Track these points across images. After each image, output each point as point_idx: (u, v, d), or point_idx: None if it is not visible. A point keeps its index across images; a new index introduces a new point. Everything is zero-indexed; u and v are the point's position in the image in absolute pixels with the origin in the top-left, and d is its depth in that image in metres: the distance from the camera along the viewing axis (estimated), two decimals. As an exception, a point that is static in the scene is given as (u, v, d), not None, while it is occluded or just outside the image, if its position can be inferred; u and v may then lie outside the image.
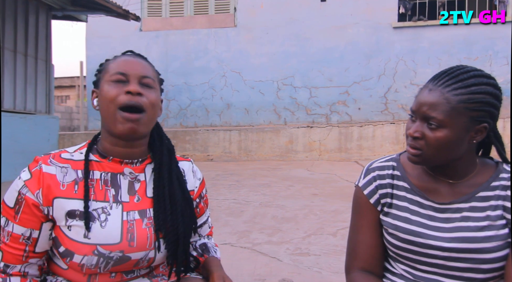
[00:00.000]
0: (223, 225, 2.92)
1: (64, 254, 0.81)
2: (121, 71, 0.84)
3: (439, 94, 0.82)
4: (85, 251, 0.80)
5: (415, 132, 0.85)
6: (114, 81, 0.84)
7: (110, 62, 0.89)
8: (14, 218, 0.81)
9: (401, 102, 7.23)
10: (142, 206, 0.87)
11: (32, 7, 5.83)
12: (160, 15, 8.11)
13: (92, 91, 0.90)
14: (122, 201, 0.86)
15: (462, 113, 0.81)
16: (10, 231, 0.81)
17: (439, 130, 0.82)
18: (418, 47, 7.20)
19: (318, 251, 2.30)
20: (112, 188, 0.86)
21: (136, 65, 0.86)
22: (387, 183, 0.94)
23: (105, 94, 0.83)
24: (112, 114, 0.82)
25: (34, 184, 0.80)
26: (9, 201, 0.82)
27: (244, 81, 7.75)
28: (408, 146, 0.89)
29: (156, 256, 0.87)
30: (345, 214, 3.17)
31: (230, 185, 4.72)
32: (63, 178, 0.83)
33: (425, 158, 0.86)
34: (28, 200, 0.80)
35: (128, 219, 0.84)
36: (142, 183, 0.89)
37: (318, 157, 7.12)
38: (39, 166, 0.82)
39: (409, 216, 0.91)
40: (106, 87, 0.84)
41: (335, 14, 7.42)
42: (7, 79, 5.43)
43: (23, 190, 0.81)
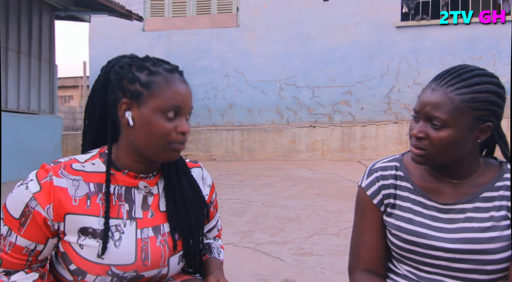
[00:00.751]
0: (226, 225, 2.92)
1: (76, 273, 0.78)
2: (177, 104, 0.78)
3: (442, 94, 0.82)
4: (98, 272, 0.77)
5: (419, 133, 0.84)
6: (167, 113, 0.77)
7: (162, 84, 0.78)
8: (19, 230, 0.76)
9: (404, 102, 7.21)
10: (156, 222, 0.84)
11: (35, 7, 5.86)
12: (162, 15, 8.13)
13: (121, 103, 0.79)
14: (136, 217, 0.82)
15: (466, 112, 0.80)
16: (13, 242, 0.77)
17: (443, 130, 0.82)
18: (421, 46, 7.18)
19: (321, 251, 2.30)
20: (126, 203, 0.82)
21: (189, 98, 0.82)
22: (390, 184, 0.94)
23: (156, 127, 0.77)
24: (162, 146, 0.79)
25: (44, 198, 0.75)
26: (14, 211, 0.76)
27: (247, 81, 7.76)
28: (412, 146, 0.88)
29: (169, 271, 0.86)
30: (348, 214, 3.16)
31: (233, 184, 4.72)
32: (75, 191, 0.78)
33: (429, 158, 0.85)
34: (37, 215, 0.75)
35: (142, 237, 0.81)
36: (155, 196, 0.86)
37: (321, 157, 7.11)
38: (50, 177, 0.77)
39: (412, 217, 0.90)
40: (155, 118, 0.77)
41: (338, 13, 7.41)
42: (11, 80, 5.46)
43: (32, 203, 0.75)
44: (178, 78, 0.81)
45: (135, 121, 0.78)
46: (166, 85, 0.79)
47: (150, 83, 0.78)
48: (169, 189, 0.86)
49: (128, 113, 0.78)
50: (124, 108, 0.79)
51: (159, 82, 0.78)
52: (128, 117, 0.78)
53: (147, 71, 0.79)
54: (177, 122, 0.79)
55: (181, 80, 0.82)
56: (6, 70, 5.38)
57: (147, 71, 0.79)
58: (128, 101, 0.79)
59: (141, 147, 0.80)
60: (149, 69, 0.80)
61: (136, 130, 0.79)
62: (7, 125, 5.14)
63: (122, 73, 0.80)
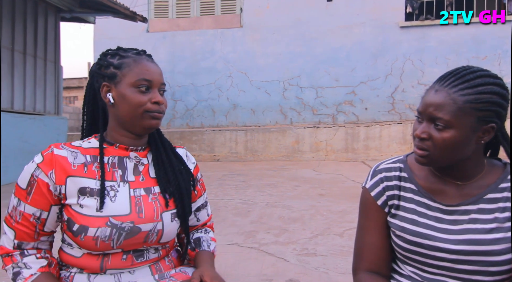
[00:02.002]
0: (230, 225, 2.93)
1: (79, 231, 0.86)
2: (146, 78, 0.91)
3: (446, 95, 0.82)
4: (98, 224, 0.85)
5: (422, 133, 0.85)
6: (139, 87, 0.91)
7: (131, 63, 0.92)
8: (26, 198, 0.87)
9: (408, 102, 7.18)
10: (147, 184, 0.95)
11: (41, 9, 5.90)
12: (167, 16, 8.16)
13: (103, 85, 0.92)
14: (129, 180, 0.93)
15: (469, 113, 0.81)
16: (22, 210, 0.87)
17: (446, 131, 0.82)
18: (426, 46, 7.15)
19: (325, 251, 2.30)
20: (119, 169, 0.93)
21: (157, 73, 0.94)
22: (394, 185, 0.94)
23: (131, 100, 0.90)
24: (139, 115, 0.91)
25: (47, 165, 0.87)
26: (22, 183, 0.88)
27: (250, 81, 7.77)
28: (415, 147, 0.88)
29: (164, 228, 0.93)
30: (352, 215, 3.16)
31: (237, 185, 4.73)
32: (73, 160, 0.90)
33: (433, 159, 0.86)
34: (41, 182, 0.86)
35: (135, 194, 0.92)
36: (145, 165, 0.97)
37: (325, 157, 7.10)
38: (51, 150, 0.89)
39: (416, 218, 0.90)
40: (130, 92, 0.90)
41: (342, 14, 7.40)
42: (17, 81, 5.50)
43: (36, 172, 0.87)
44: (145, 58, 0.94)
45: (115, 99, 0.91)
46: (135, 64, 0.92)
47: (121, 64, 0.92)
48: (157, 159, 0.98)
49: (109, 94, 0.92)
50: (105, 90, 0.92)
51: (129, 62, 0.92)
52: (109, 97, 0.91)
53: (118, 56, 0.93)
54: (150, 95, 0.91)
55: (148, 60, 0.94)
56: (12, 71, 5.43)
57: (118, 56, 0.93)
58: (107, 84, 0.92)
59: (124, 120, 0.92)
60: (119, 54, 0.94)
61: (117, 107, 0.91)
62: (13, 126, 5.19)
63: (99, 63, 0.94)
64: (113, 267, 0.90)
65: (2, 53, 5.27)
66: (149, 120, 0.92)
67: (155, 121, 0.93)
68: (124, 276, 0.91)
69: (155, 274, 0.94)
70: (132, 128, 0.93)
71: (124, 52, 0.94)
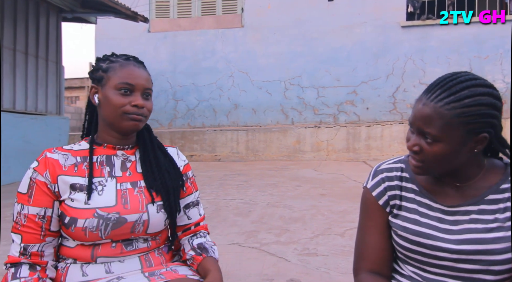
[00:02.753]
0: (231, 225, 2.93)
1: (69, 223, 0.91)
2: (128, 82, 0.96)
3: (432, 109, 0.81)
4: (86, 215, 0.91)
5: (414, 146, 0.85)
6: (121, 90, 0.95)
7: (117, 67, 0.98)
8: (28, 201, 0.92)
9: (410, 102, 7.17)
10: (133, 179, 1.00)
11: (42, 9, 5.92)
12: (168, 16, 8.17)
13: (91, 87, 1.00)
14: (116, 175, 0.99)
15: (457, 127, 0.80)
16: (26, 213, 0.92)
17: (435, 145, 0.81)
18: (427, 46, 7.13)
19: (326, 251, 2.30)
20: (107, 166, 0.99)
21: (141, 78, 0.98)
22: (396, 185, 0.95)
23: (112, 101, 0.95)
24: (119, 116, 0.96)
25: (41, 168, 0.94)
26: (23, 189, 0.94)
27: (252, 81, 7.77)
28: (410, 157, 0.89)
29: (149, 218, 0.97)
30: (353, 215, 3.16)
31: (238, 185, 4.73)
32: (64, 162, 0.96)
33: (427, 169, 0.86)
34: (39, 182, 0.92)
35: (121, 188, 0.97)
36: (133, 162, 1.03)
37: (326, 157, 7.10)
38: (44, 155, 0.96)
39: (418, 218, 0.90)
40: (112, 94, 0.96)
41: (343, 13, 7.39)
42: (19, 81, 5.52)
43: (33, 175, 0.93)
44: (132, 64, 0.99)
45: (100, 101, 0.98)
46: (120, 68, 0.97)
47: (108, 68, 0.98)
48: (144, 157, 1.03)
49: (95, 96, 0.99)
50: (93, 92, 0.99)
51: (115, 66, 0.97)
52: (95, 99, 0.98)
53: (108, 61, 0.99)
54: (131, 98, 0.96)
55: (135, 65, 0.99)
56: (14, 71, 5.45)
57: (108, 61, 0.99)
58: (95, 86, 0.99)
59: (108, 121, 0.98)
60: (110, 59, 1.00)
61: (101, 107, 0.98)
62: (15, 126, 5.20)
63: (93, 67, 1.01)
64: (103, 255, 0.94)
65: (4, 54, 5.29)
66: (128, 122, 0.96)
67: (133, 123, 0.97)
68: (114, 265, 0.95)
69: (145, 266, 0.97)
70: (115, 129, 0.99)
71: (114, 57, 1.00)
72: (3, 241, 2.56)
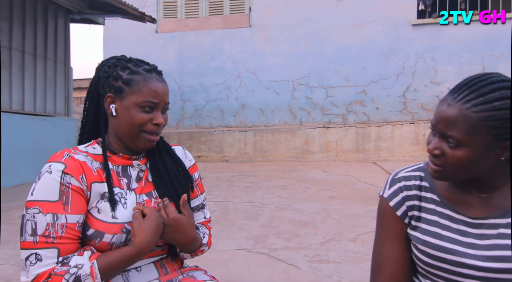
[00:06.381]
0: (240, 229, 2.88)
1: (94, 236, 0.85)
2: (153, 101, 0.91)
3: (458, 111, 0.75)
4: (115, 230, 0.86)
5: (435, 150, 0.80)
6: (144, 107, 0.91)
7: (140, 83, 0.91)
8: (65, 209, 0.82)
9: (421, 101, 7.04)
10: (147, 189, 0.97)
11: (51, 11, 5.94)
12: (175, 16, 8.15)
13: (107, 96, 0.93)
14: (133, 188, 0.95)
15: (484, 131, 0.74)
16: (65, 223, 0.82)
17: (459, 149, 0.76)
18: (439, 44, 6.99)
19: (338, 258, 2.23)
20: (124, 178, 0.95)
21: (164, 94, 0.94)
22: (414, 195, 0.89)
23: (133, 118, 0.90)
24: (135, 135, 0.91)
25: (74, 170, 0.85)
26: (50, 196, 0.82)
27: (259, 81, 7.71)
28: (429, 161, 0.84)
29: None
30: (364, 218, 3.08)
31: (246, 186, 4.68)
32: (91, 164, 0.90)
33: (447, 175, 0.81)
34: (74, 187, 0.84)
35: (140, 201, 0.94)
36: (145, 171, 0.99)
37: (335, 158, 7.01)
38: (68, 155, 0.87)
39: (439, 231, 0.85)
40: (134, 111, 0.90)
41: (352, 12, 7.28)
42: (27, 83, 5.55)
43: (66, 179, 0.83)
44: (155, 78, 0.93)
45: (117, 112, 0.92)
46: (144, 83, 0.91)
47: (130, 81, 0.91)
48: (153, 164, 0.99)
49: (112, 106, 0.92)
50: (109, 101, 0.93)
51: (138, 81, 0.91)
52: (112, 109, 0.92)
53: (128, 70, 0.92)
54: (153, 115, 0.92)
55: (158, 79, 0.94)
56: (23, 73, 5.47)
57: (129, 71, 0.92)
58: (112, 96, 0.92)
59: (121, 135, 0.93)
60: (130, 69, 0.93)
61: (118, 120, 0.92)
62: (24, 127, 5.23)
63: (108, 72, 0.93)
64: None
65: (13, 55, 5.31)
66: (145, 142, 0.93)
67: (150, 144, 0.94)
68: (131, 276, 0.91)
69: (162, 274, 0.95)
70: (127, 144, 0.94)
71: (135, 67, 0.94)
72: (9, 245, 2.55)
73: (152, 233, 0.86)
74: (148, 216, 0.88)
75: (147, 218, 0.88)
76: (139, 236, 0.85)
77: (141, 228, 0.86)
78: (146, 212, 0.89)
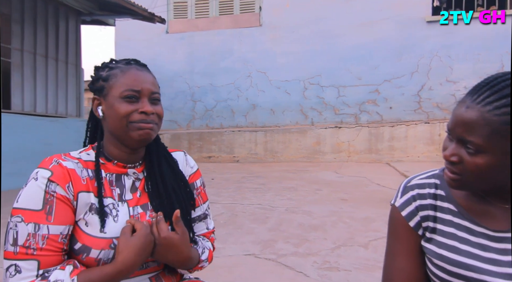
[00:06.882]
0: (247, 233, 2.81)
1: (81, 250, 0.80)
2: (133, 89, 0.85)
3: (478, 113, 0.67)
4: (102, 245, 0.80)
5: (452, 156, 0.72)
6: (126, 98, 0.85)
7: (118, 74, 0.87)
8: (47, 219, 0.77)
9: (436, 100, 6.84)
10: (143, 201, 0.90)
11: (62, 13, 5.98)
12: (186, 17, 8.14)
13: (93, 99, 0.90)
14: (126, 199, 0.88)
15: (507, 136, 0.66)
16: (46, 234, 0.77)
17: (479, 156, 0.68)
18: (454, 42, 6.78)
19: (349, 265, 2.14)
20: (117, 187, 0.88)
21: (146, 82, 0.87)
22: (429, 204, 0.81)
23: (117, 111, 0.84)
24: (125, 127, 0.84)
25: (61, 178, 0.79)
26: (34, 204, 0.77)
27: (270, 81, 7.63)
28: (446, 169, 0.76)
29: None
30: (376, 223, 2.98)
31: (256, 188, 4.61)
32: (81, 172, 0.84)
33: (466, 184, 0.73)
34: (59, 196, 0.79)
35: (134, 213, 0.88)
36: (142, 180, 0.92)
37: (347, 159, 6.89)
38: (56, 162, 0.81)
39: (457, 245, 0.77)
40: (117, 104, 0.85)
41: (363, 10, 7.14)
42: (39, 84, 5.60)
43: (51, 187, 0.78)
44: (134, 67, 0.89)
45: (104, 113, 0.87)
46: (121, 74, 0.87)
47: (108, 76, 0.87)
48: (150, 173, 0.92)
49: (99, 108, 0.88)
50: (96, 104, 0.89)
51: (116, 73, 0.87)
52: (99, 111, 0.88)
53: (107, 68, 0.89)
54: (139, 105, 0.85)
55: (137, 68, 0.89)
56: (35, 75, 5.53)
57: (107, 68, 0.89)
58: (97, 98, 0.89)
59: (114, 133, 0.87)
60: (109, 66, 0.90)
61: (106, 120, 0.87)
62: (36, 128, 5.28)
63: (92, 78, 0.91)
64: None
65: (25, 57, 5.37)
66: (135, 132, 0.85)
67: (143, 132, 0.85)
68: None
69: None
70: (124, 142, 0.88)
71: (114, 64, 0.90)
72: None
73: (137, 253, 0.79)
74: (137, 232, 0.81)
75: (136, 235, 0.80)
76: (122, 255, 0.78)
77: (127, 245, 0.79)
78: (137, 228, 0.81)
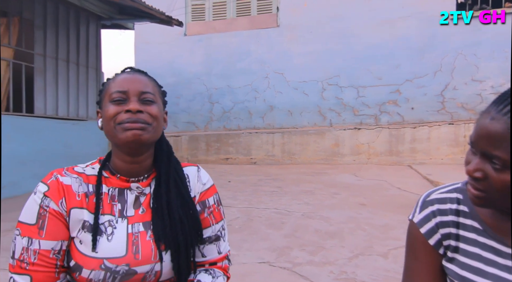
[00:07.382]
0: (262, 239, 2.76)
1: (74, 269, 0.79)
2: (120, 90, 0.83)
3: (504, 126, 0.60)
4: (92, 266, 0.78)
5: (476, 172, 0.65)
6: (114, 100, 0.83)
7: (110, 81, 0.88)
8: (39, 233, 0.77)
9: (461, 100, 6.58)
10: (146, 218, 0.86)
11: (82, 18, 6.11)
12: (203, 19, 8.17)
13: (97, 112, 0.91)
14: (128, 215, 0.85)
15: None
16: (37, 249, 0.77)
17: (506, 173, 0.61)
18: (481, 39, 6.49)
19: (367, 276, 2.06)
20: (119, 203, 0.86)
21: (134, 82, 0.85)
22: (450, 221, 0.75)
23: (105, 113, 0.83)
24: (113, 129, 0.82)
25: (55, 194, 0.80)
26: (30, 218, 0.78)
27: (287, 82, 7.55)
28: (469, 184, 0.68)
29: (162, 268, 0.84)
30: (396, 230, 2.86)
31: (272, 191, 4.55)
32: (77, 188, 0.83)
33: (491, 202, 0.66)
34: (52, 211, 0.79)
35: (133, 231, 0.84)
36: (147, 195, 0.88)
37: (367, 161, 6.72)
38: (55, 177, 0.82)
39: (482, 267, 0.70)
40: (106, 108, 0.84)
41: (383, 7, 6.94)
42: (61, 88, 5.74)
43: (45, 202, 0.79)
44: (126, 72, 0.88)
45: (102, 123, 0.86)
46: (112, 80, 0.87)
47: (103, 88, 0.88)
48: (156, 196, 0.87)
49: (99, 120, 0.88)
50: (99, 117, 0.88)
51: (109, 82, 0.88)
52: (98, 122, 0.88)
53: (106, 81, 0.90)
54: (125, 105, 0.83)
55: (129, 73, 0.88)
56: (57, 79, 5.67)
57: (106, 81, 0.89)
58: (99, 111, 0.89)
59: (110, 140, 0.85)
60: (108, 79, 0.90)
61: (104, 129, 0.86)
62: (57, 132, 5.41)
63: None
64: None
65: (47, 62, 5.51)
66: (123, 133, 0.81)
67: (131, 133, 0.80)
68: None
69: None
70: (118, 147, 0.85)
71: (113, 76, 0.90)
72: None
73: None
74: None
75: None
76: None
77: None
78: None
